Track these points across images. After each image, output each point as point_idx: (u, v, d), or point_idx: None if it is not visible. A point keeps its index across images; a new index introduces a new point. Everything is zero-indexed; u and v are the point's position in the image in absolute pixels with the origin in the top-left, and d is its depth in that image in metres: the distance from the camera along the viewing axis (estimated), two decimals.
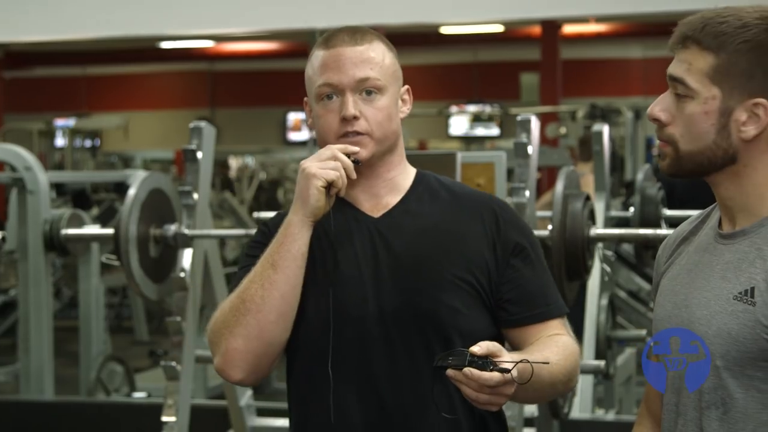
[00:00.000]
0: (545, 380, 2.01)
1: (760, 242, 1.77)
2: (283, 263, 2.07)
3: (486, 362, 1.85)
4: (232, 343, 2.08)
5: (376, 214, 2.18)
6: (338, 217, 2.17)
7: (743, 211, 1.82)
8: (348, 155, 2.09)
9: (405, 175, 2.22)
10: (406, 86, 2.24)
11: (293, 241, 2.08)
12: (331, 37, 2.17)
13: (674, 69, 1.80)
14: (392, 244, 2.15)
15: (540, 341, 2.10)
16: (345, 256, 2.15)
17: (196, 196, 4.11)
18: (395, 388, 2.10)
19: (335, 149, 2.08)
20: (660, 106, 1.82)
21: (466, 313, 2.12)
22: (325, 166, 2.06)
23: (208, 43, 16.29)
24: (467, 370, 1.85)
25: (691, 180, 1.89)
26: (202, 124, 4.16)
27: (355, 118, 2.12)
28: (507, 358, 1.87)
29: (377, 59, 2.17)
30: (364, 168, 2.16)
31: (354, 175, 2.09)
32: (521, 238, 2.19)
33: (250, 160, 13.85)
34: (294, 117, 18.52)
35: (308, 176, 2.06)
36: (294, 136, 18.58)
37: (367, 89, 2.14)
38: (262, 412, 4.55)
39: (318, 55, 2.17)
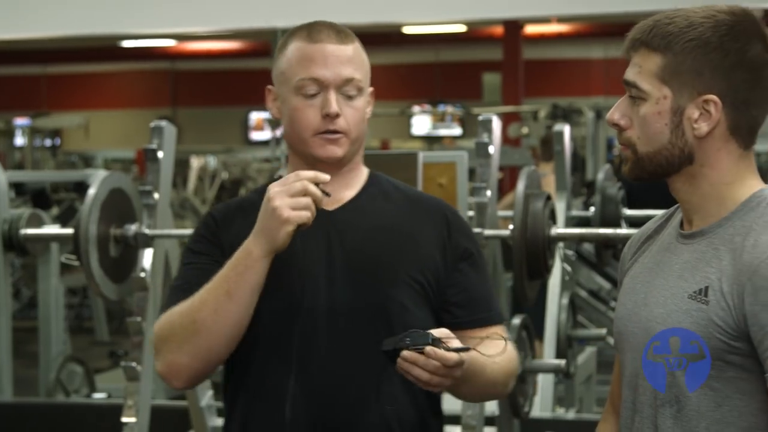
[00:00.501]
0: (487, 376, 2.06)
1: (717, 242, 1.79)
2: (240, 294, 2.05)
3: (441, 345, 1.90)
4: (178, 358, 2.08)
5: (330, 207, 2.19)
6: None
7: (701, 212, 1.83)
8: (317, 184, 2.03)
9: (360, 173, 2.24)
10: (372, 88, 2.25)
11: (253, 274, 2.04)
12: (314, 31, 2.17)
13: (627, 73, 1.83)
14: (347, 239, 2.17)
15: (485, 341, 2.12)
16: (299, 250, 2.14)
17: (156, 195, 4.09)
18: (342, 382, 2.12)
19: (306, 182, 2.00)
20: (618, 111, 1.85)
21: (414, 312, 2.15)
22: (297, 205, 1.99)
23: (169, 42, 16.22)
24: (430, 349, 1.89)
25: (651, 181, 1.91)
26: (163, 123, 4.14)
27: (338, 116, 2.13)
28: (457, 345, 1.93)
29: (360, 60, 2.19)
30: (329, 166, 2.16)
31: (322, 206, 2.05)
32: (470, 244, 2.24)
33: (211, 160, 13.80)
34: (256, 116, 18.48)
35: (279, 218, 1.99)
36: (256, 135, 18.53)
37: (349, 89, 2.15)
38: (223, 413, 4.53)
39: (299, 47, 2.16)
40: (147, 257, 4.12)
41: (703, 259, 1.79)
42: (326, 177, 2.02)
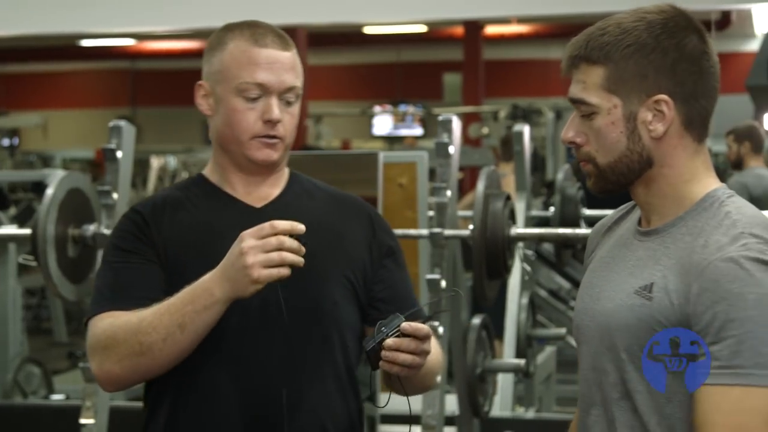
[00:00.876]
0: (428, 365, 2.08)
1: (669, 241, 1.80)
2: (194, 329, 2.03)
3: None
4: (115, 369, 2.07)
5: (258, 204, 2.22)
6: (218, 207, 2.20)
7: (660, 212, 1.84)
8: (292, 235, 1.97)
9: (283, 172, 2.27)
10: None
11: (211, 314, 2.02)
12: (258, 34, 2.17)
13: (572, 91, 1.84)
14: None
15: None
16: (230, 246, 2.12)
17: (115, 195, 4.07)
18: (276, 378, 2.12)
19: (282, 237, 1.96)
20: (572, 129, 1.85)
21: (344, 308, 2.20)
22: (270, 262, 1.94)
23: (129, 42, 16.14)
24: (407, 324, 1.93)
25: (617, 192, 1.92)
26: (122, 123, 4.12)
27: (279, 122, 2.16)
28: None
29: (299, 68, 2.22)
30: (261, 168, 2.19)
31: (299, 263, 1.98)
32: (392, 242, 2.30)
33: (172, 160, 13.73)
34: None
35: (249, 276, 1.95)
36: None
37: (289, 96, 2.18)
38: None
39: (243, 49, 2.16)
40: None
41: (654, 257, 1.80)
42: (302, 227, 1.97)
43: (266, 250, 1.95)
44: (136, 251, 2.15)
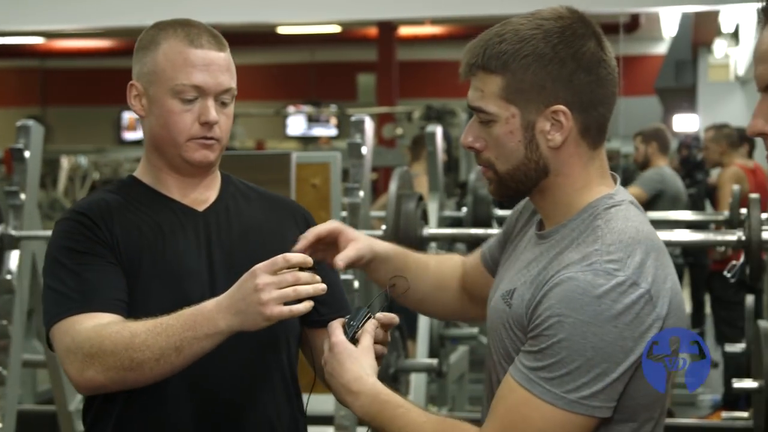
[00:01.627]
0: None
1: (548, 249, 1.82)
2: (190, 353, 1.96)
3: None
4: (100, 378, 2.01)
5: (199, 207, 2.19)
6: (160, 209, 2.17)
7: (553, 218, 1.86)
8: (303, 268, 1.92)
9: (216, 174, 2.25)
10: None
11: (211, 343, 1.96)
12: (192, 35, 2.14)
13: (471, 98, 1.83)
14: (223, 240, 2.18)
15: None
16: (181, 249, 2.14)
17: (23, 196, 4.01)
18: (225, 380, 2.12)
19: (297, 272, 1.90)
20: (471, 134, 1.85)
21: None
22: (285, 299, 1.88)
23: (38, 40, 15.89)
24: (381, 314, 1.94)
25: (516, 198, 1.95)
26: (30, 122, 4.06)
27: (216, 123, 2.14)
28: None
29: (233, 69, 2.20)
30: (197, 169, 2.17)
31: (321, 291, 1.93)
32: None
33: (82, 160, 13.56)
34: (129, 116, 18.22)
35: (262, 314, 1.89)
36: (129, 135, 18.27)
37: (225, 98, 2.16)
38: None
39: (178, 50, 2.13)
40: (13, 259, 4.04)
41: (533, 262, 1.83)
42: (310, 261, 1.92)
43: (282, 287, 1.89)
44: (93, 253, 2.09)
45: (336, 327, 1.88)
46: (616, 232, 1.74)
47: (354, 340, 1.87)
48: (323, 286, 1.92)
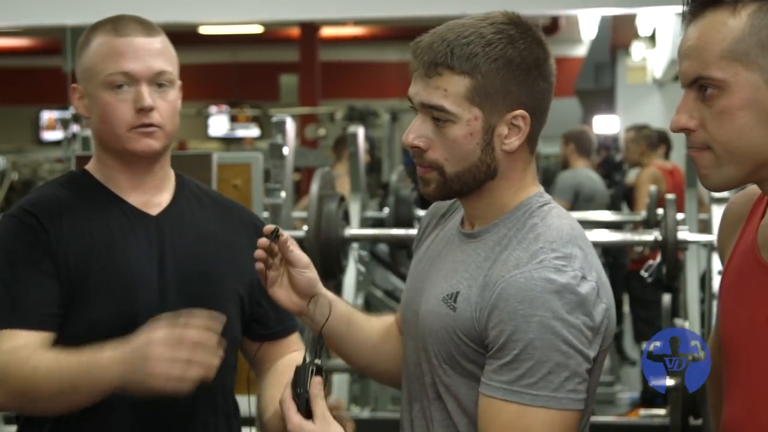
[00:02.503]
0: None
1: (481, 248, 1.82)
2: (88, 395, 1.91)
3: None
4: (2, 400, 1.97)
5: (152, 211, 2.15)
6: (112, 211, 2.12)
7: (485, 217, 1.86)
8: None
9: (170, 174, 2.21)
10: (180, 82, 2.22)
11: (105, 389, 1.90)
12: (120, 25, 2.11)
13: (429, 97, 1.79)
14: (176, 247, 2.13)
15: (279, 375, 2.16)
16: (131, 256, 2.09)
17: None
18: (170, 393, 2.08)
19: (198, 341, 1.80)
20: (416, 133, 1.82)
21: (235, 325, 2.18)
22: (170, 376, 1.80)
23: None
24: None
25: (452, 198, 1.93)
26: None
27: (151, 109, 2.08)
28: None
29: (169, 53, 2.16)
30: (144, 161, 2.12)
31: (211, 374, 1.85)
32: None
33: (0, 160, 13.36)
34: (48, 116, 17.96)
35: (151, 384, 1.82)
36: (48, 135, 17.99)
37: (161, 82, 2.11)
38: (10, 420, 4.41)
39: (105, 42, 2.10)
40: None
41: (465, 263, 1.82)
42: (214, 338, 1.83)
43: (173, 362, 1.80)
44: (30, 260, 2.03)
45: (289, 407, 1.73)
46: (555, 229, 1.78)
47: (308, 409, 1.75)
48: (215, 366, 1.83)
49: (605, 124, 14.44)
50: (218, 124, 17.58)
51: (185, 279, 2.10)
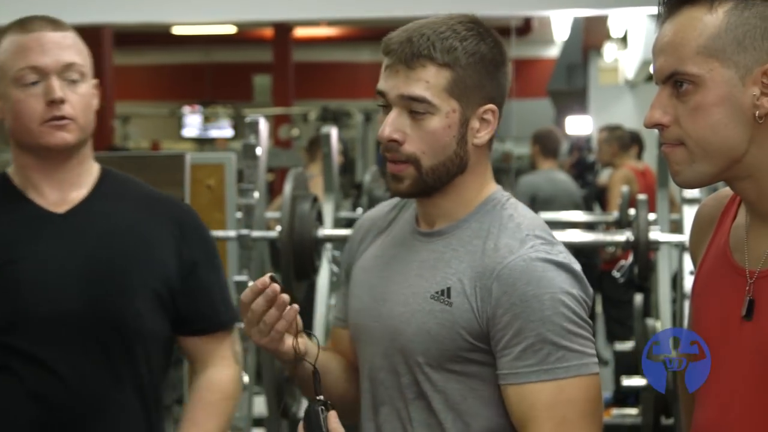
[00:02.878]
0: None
1: (455, 243, 1.85)
2: None
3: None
4: None
5: (61, 209, 2.13)
6: (18, 215, 2.11)
7: (448, 214, 1.89)
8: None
9: (90, 170, 2.20)
10: (96, 80, 2.20)
11: None
12: (26, 23, 2.11)
13: (410, 89, 1.82)
14: (79, 244, 2.11)
15: (195, 415, 2.17)
16: (28, 256, 2.08)
17: None
18: (75, 389, 2.07)
19: None
20: (393, 126, 1.84)
21: (149, 320, 2.14)
22: None
23: None
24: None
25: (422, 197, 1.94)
26: None
27: (62, 101, 2.07)
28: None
29: (79, 47, 2.14)
30: (60, 156, 2.11)
31: None
32: (205, 246, 2.23)
33: None
34: None
35: None
36: None
37: (72, 76, 2.10)
38: None
39: (13, 40, 2.10)
40: None
41: (442, 260, 1.85)
42: None
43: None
44: None
45: None
46: (530, 218, 1.87)
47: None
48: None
49: (578, 125, 14.49)
50: (191, 124, 17.54)
51: (88, 277, 2.08)
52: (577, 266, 1.82)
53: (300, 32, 15.25)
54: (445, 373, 1.82)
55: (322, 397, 1.77)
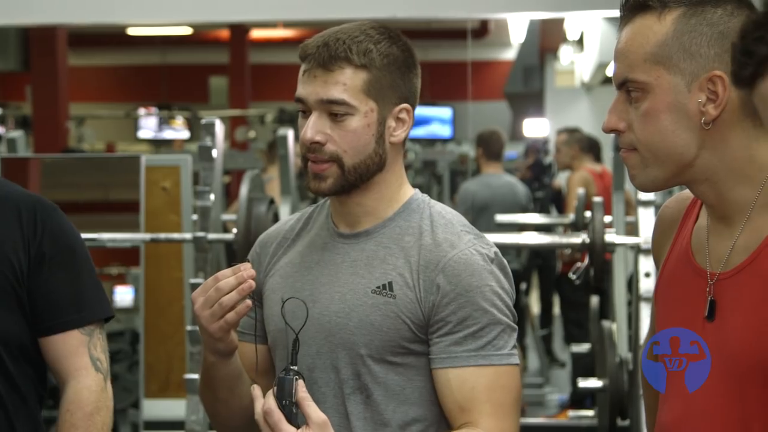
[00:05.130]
0: None
1: (386, 241, 1.93)
2: None
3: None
4: None
5: None
6: None
7: (372, 214, 1.96)
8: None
9: None
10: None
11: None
12: None
13: (329, 92, 1.89)
14: None
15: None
16: None
17: None
18: None
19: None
20: (314, 129, 1.91)
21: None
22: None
23: None
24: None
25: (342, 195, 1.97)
26: None
27: None
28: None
29: None
30: None
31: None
32: (56, 242, 2.15)
33: None
34: None
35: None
36: None
37: None
38: None
39: None
40: None
41: (377, 257, 1.92)
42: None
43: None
44: None
45: (279, 418, 1.72)
46: (455, 215, 1.98)
47: (296, 415, 1.74)
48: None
49: (535, 127, 14.56)
50: (147, 126, 17.44)
51: None
52: (503, 260, 1.94)
53: (256, 34, 15.20)
54: (386, 365, 1.89)
55: (295, 368, 1.78)
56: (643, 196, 3.73)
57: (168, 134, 17.26)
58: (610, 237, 3.86)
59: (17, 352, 2.10)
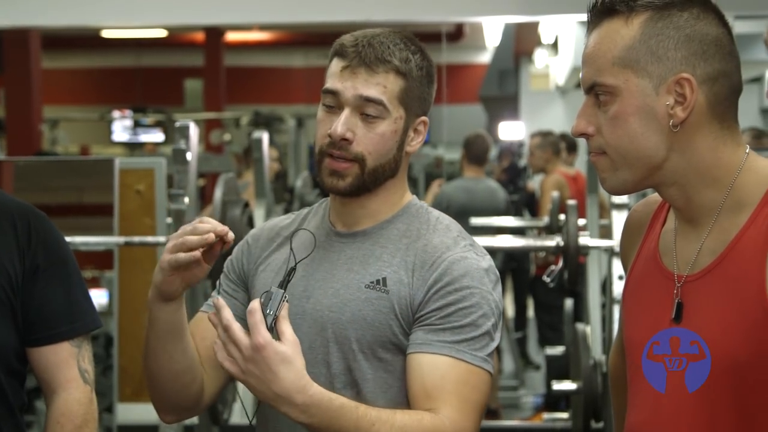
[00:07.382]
0: None
1: (383, 241, 1.96)
2: None
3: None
4: None
5: None
6: None
7: (370, 217, 1.99)
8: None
9: None
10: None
11: None
12: None
13: (369, 91, 1.92)
14: None
15: None
16: None
17: None
18: None
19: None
20: (346, 125, 1.92)
21: None
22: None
23: None
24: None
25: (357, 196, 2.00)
26: None
27: None
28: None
29: None
30: None
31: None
32: (49, 252, 2.14)
33: None
34: None
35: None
36: None
37: None
38: None
39: None
40: None
41: (373, 255, 1.95)
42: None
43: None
44: None
45: (261, 319, 1.71)
46: (452, 222, 2.01)
47: (272, 329, 1.74)
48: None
49: (510, 131, 14.58)
50: (121, 128, 17.38)
51: None
52: (497, 272, 1.97)
53: (232, 36, 15.17)
54: (376, 362, 1.91)
55: (287, 296, 1.76)
56: (617, 199, 3.75)
57: (142, 137, 17.22)
58: (584, 240, 3.87)
59: (7, 363, 2.09)
